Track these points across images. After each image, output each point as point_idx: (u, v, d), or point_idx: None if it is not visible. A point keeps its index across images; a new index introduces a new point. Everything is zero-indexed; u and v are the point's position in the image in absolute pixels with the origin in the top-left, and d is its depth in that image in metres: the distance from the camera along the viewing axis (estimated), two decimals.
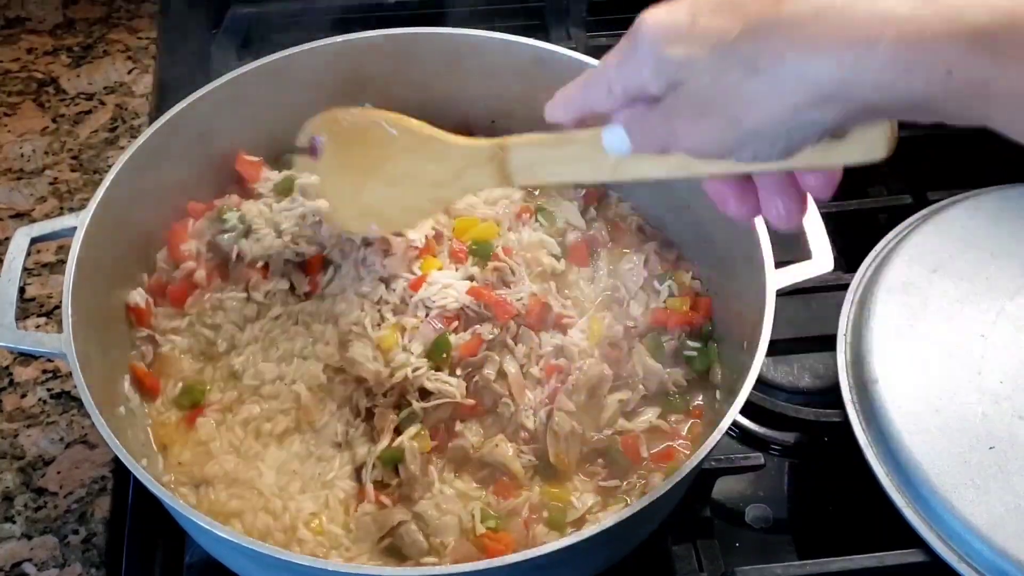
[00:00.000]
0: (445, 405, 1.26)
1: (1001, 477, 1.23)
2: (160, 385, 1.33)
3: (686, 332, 1.37)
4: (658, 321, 1.38)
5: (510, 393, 1.28)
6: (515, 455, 1.26)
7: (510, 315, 1.31)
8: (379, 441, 1.24)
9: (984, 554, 1.19)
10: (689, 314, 1.39)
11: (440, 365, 1.27)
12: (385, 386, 1.26)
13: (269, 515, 1.22)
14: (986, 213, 1.48)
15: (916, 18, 0.76)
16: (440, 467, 1.25)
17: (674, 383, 1.33)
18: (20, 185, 1.64)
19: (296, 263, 1.36)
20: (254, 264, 1.36)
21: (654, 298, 1.41)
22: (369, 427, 1.26)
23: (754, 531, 1.36)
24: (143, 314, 1.36)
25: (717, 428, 1.13)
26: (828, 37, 0.78)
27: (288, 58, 1.45)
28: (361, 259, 1.35)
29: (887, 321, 1.37)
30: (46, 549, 1.27)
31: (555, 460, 1.25)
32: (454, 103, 1.54)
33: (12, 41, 1.86)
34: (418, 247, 1.35)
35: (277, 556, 1.05)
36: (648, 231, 1.50)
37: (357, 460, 1.25)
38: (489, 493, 1.24)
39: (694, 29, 0.84)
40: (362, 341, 1.29)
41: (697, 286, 1.43)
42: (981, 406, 1.29)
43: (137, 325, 1.36)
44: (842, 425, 1.33)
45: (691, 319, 1.38)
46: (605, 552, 1.19)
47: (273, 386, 1.30)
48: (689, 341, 1.37)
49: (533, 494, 1.24)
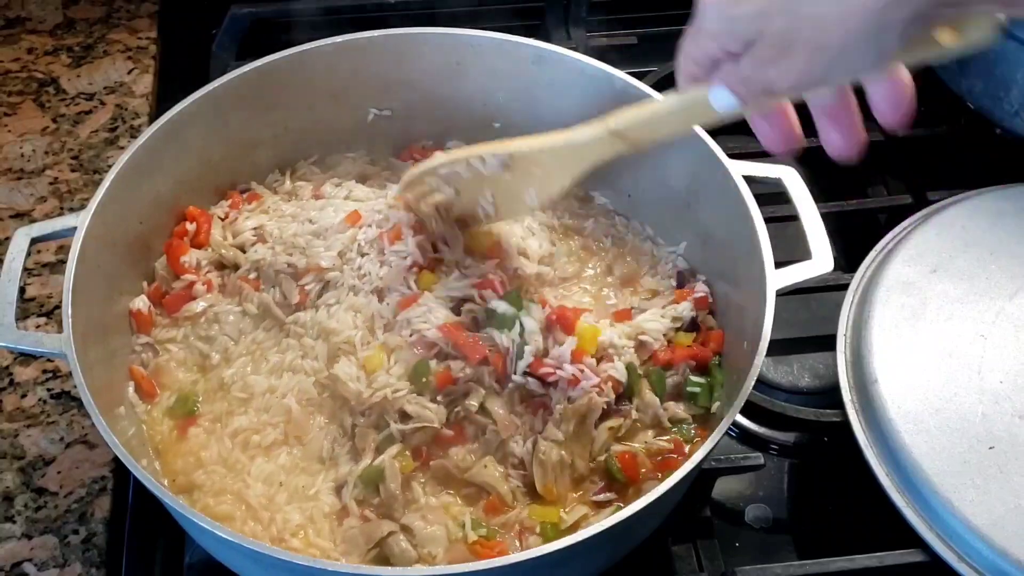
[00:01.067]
0: (425, 429, 1.24)
1: (1001, 477, 1.23)
2: (157, 392, 1.33)
3: (691, 367, 1.34)
4: (660, 361, 1.34)
5: (495, 424, 1.25)
6: (503, 478, 1.23)
7: (481, 356, 1.26)
8: (360, 460, 1.23)
9: (984, 554, 1.19)
10: (694, 348, 1.35)
11: (421, 389, 1.25)
12: (365, 405, 1.25)
13: (258, 523, 1.22)
14: (986, 213, 1.48)
15: None
16: (424, 483, 1.24)
17: (671, 418, 1.30)
18: (20, 185, 1.64)
19: (287, 273, 1.36)
20: (246, 276, 1.37)
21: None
22: (354, 445, 1.26)
23: (754, 531, 1.36)
24: (145, 321, 1.36)
25: (717, 428, 1.13)
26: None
27: (288, 58, 1.45)
28: (357, 268, 1.34)
29: (887, 321, 1.37)
30: (46, 549, 1.27)
31: (543, 491, 1.23)
32: (454, 103, 1.54)
33: (12, 41, 1.86)
34: (419, 263, 1.32)
35: (277, 556, 1.05)
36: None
37: (339, 478, 1.24)
38: (477, 510, 1.23)
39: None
40: (348, 359, 1.28)
41: (711, 321, 1.39)
42: (981, 406, 1.29)
43: (138, 331, 1.36)
44: (842, 425, 1.33)
45: (697, 354, 1.34)
46: (605, 552, 1.19)
47: (264, 399, 1.30)
48: (693, 376, 1.33)
49: (523, 514, 1.22)
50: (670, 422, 1.30)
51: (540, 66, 1.47)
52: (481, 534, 1.19)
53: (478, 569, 1.05)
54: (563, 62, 1.46)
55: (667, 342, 1.36)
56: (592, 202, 1.55)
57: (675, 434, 1.29)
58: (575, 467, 1.24)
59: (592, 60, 1.45)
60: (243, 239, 1.41)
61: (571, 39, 1.86)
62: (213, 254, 1.41)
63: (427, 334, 1.27)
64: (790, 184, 1.34)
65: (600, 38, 1.88)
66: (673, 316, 1.37)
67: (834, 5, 0.85)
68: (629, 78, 1.42)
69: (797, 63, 0.90)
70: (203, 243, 1.42)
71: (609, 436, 1.26)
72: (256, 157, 1.51)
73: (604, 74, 1.43)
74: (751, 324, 1.23)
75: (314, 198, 1.48)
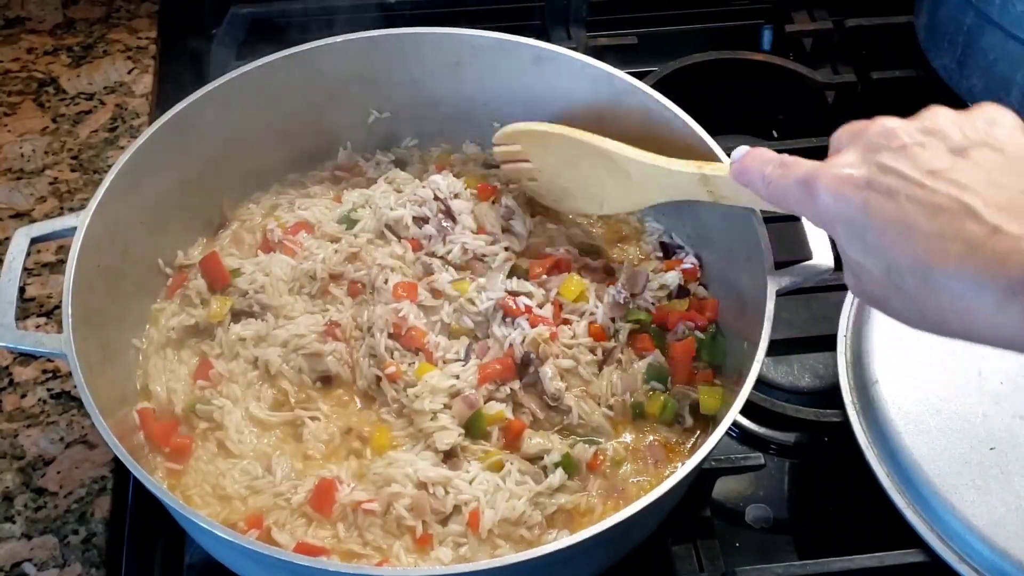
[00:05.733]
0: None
1: (1002, 478, 1.23)
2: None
3: (690, 328, 1.37)
4: (658, 319, 1.38)
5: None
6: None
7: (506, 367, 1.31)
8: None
9: (984, 555, 1.19)
10: (691, 313, 1.38)
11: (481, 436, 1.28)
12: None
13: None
14: None
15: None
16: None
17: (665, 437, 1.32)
18: (20, 185, 1.64)
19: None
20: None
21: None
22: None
23: (754, 531, 1.36)
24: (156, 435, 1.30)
25: (717, 428, 1.13)
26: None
27: (288, 58, 1.45)
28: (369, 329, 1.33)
29: (887, 321, 1.36)
30: (46, 549, 1.27)
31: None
32: (454, 103, 1.54)
33: (12, 41, 1.86)
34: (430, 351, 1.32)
35: (277, 556, 1.05)
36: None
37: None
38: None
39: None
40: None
41: (702, 292, 1.42)
42: (982, 407, 1.29)
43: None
44: (842, 425, 1.33)
45: (694, 317, 1.38)
46: (606, 552, 1.19)
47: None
48: (697, 333, 1.37)
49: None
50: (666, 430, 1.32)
51: (540, 66, 1.47)
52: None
53: (478, 569, 1.05)
54: (563, 62, 1.45)
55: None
56: None
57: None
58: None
59: (592, 60, 1.44)
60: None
61: (571, 39, 1.86)
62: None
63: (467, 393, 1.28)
64: None
65: (600, 38, 1.87)
66: (660, 284, 1.40)
67: (949, 301, 0.91)
68: (629, 78, 1.42)
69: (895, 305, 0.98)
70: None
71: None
72: (256, 157, 1.51)
73: (604, 74, 1.43)
74: (751, 324, 1.23)
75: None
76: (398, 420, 1.29)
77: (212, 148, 1.44)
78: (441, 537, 1.19)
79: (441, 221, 1.41)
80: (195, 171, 1.44)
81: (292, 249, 1.42)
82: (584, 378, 1.31)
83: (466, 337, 1.33)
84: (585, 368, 1.32)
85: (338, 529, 1.20)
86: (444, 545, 1.19)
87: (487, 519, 1.18)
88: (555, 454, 1.24)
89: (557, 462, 1.23)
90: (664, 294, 1.40)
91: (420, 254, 1.40)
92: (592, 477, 1.26)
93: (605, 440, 1.29)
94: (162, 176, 1.38)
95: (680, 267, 1.43)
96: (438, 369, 1.30)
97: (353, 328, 1.34)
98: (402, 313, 1.31)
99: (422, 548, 1.19)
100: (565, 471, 1.23)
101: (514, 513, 1.19)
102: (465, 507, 1.20)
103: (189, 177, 1.43)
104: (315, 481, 1.22)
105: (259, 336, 1.34)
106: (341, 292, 1.37)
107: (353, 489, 1.22)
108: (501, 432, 1.27)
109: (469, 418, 1.26)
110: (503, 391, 1.28)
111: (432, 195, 1.43)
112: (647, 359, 1.34)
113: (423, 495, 1.20)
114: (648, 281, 1.39)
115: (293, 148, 1.53)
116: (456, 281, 1.36)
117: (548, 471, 1.23)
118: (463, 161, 1.57)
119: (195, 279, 1.40)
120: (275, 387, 1.31)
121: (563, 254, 1.42)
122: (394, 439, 1.28)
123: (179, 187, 1.42)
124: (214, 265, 1.39)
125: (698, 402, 1.30)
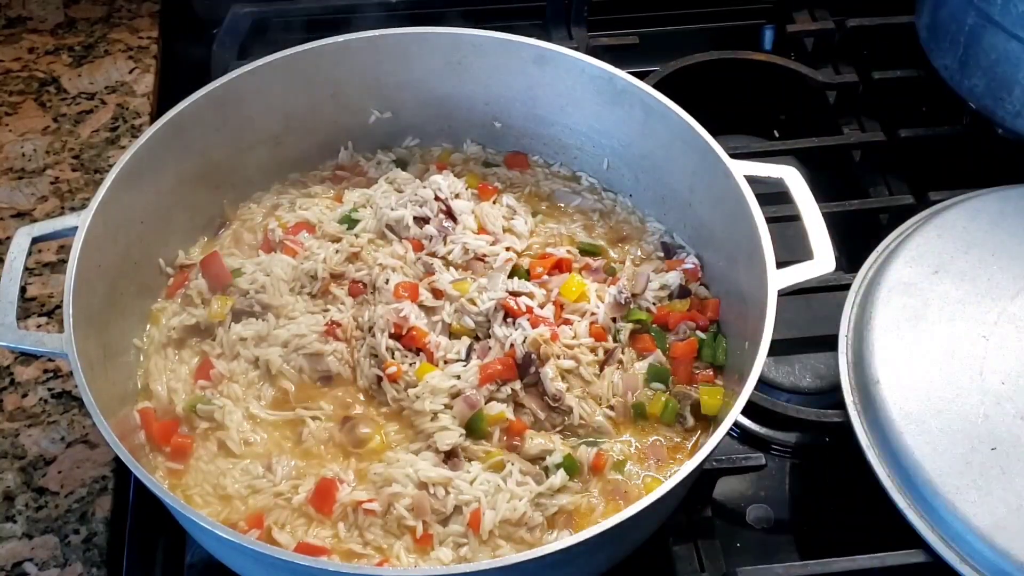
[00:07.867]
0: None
1: (1003, 478, 1.23)
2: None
3: (691, 328, 1.38)
4: (659, 319, 1.38)
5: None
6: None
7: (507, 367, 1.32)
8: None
9: (986, 555, 1.19)
10: (692, 313, 1.39)
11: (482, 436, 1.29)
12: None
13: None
14: (987, 214, 1.48)
15: None
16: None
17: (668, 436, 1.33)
18: (21, 184, 1.64)
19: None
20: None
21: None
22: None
23: (755, 531, 1.36)
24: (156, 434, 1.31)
25: (718, 428, 1.13)
26: None
27: (288, 58, 1.45)
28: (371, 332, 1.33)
29: (888, 322, 1.37)
30: (47, 549, 1.27)
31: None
32: (454, 103, 1.54)
33: (13, 40, 1.86)
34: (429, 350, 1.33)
35: (278, 556, 1.05)
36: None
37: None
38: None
39: None
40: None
41: (704, 292, 1.43)
42: (983, 407, 1.29)
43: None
44: (843, 426, 1.33)
45: (695, 317, 1.39)
46: (606, 552, 1.19)
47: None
48: (698, 333, 1.37)
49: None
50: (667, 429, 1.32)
51: (541, 66, 1.47)
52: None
53: (478, 569, 1.05)
54: (564, 62, 1.46)
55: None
56: (580, 180, 1.56)
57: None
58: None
59: (593, 60, 1.45)
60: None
61: (572, 39, 1.86)
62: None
63: (469, 394, 1.28)
64: (792, 184, 1.34)
65: (601, 38, 1.87)
66: (661, 284, 1.41)
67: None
68: (630, 78, 1.42)
69: None
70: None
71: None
72: (257, 157, 1.51)
73: (605, 74, 1.43)
74: (752, 324, 1.23)
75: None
76: (398, 420, 1.29)
77: (213, 148, 1.45)
78: (441, 537, 1.19)
79: (442, 221, 1.42)
80: (196, 171, 1.44)
81: (293, 249, 1.42)
82: (585, 378, 1.31)
83: (467, 337, 1.34)
84: (586, 368, 1.32)
85: (338, 529, 1.21)
86: (444, 545, 1.19)
87: (488, 520, 1.18)
88: (557, 455, 1.24)
89: (559, 463, 1.24)
90: (665, 294, 1.41)
91: (421, 254, 1.40)
92: (593, 478, 1.26)
93: (606, 440, 1.29)
94: (163, 176, 1.39)
95: (681, 267, 1.43)
96: (439, 369, 1.30)
97: (354, 328, 1.34)
98: (403, 313, 1.32)
99: (422, 548, 1.19)
100: (567, 472, 1.23)
101: (515, 514, 1.19)
102: (466, 507, 1.20)
103: (190, 177, 1.43)
104: (315, 481, 1.23)
105: (260, 336, 1.34)
106: (342, 292, 1.38)
107: (353, 489, 1.22)
108: (502, 432, 1.27)
109: (470, 418, 1.26)
110: (504, 391, 1.29)
111: (433, 195, 1.43)
112: (648, 359, 1.35)
113: (424, 495, 1.20)
114: (649, 281, 1.40)
115: (294, 148, 1.54)
116: (457, 281, 1.36)
117: (549, 472, 1.24)
118: (464, 161, 1.57)
119: (196, 279, 1.41)
120: (276, 387, 1.32)
121: (564, 254, 1.42)
122: (394, 439, 1.28)
123: (180, 187, 1.42)
124: (215, 265, 1.39)
125: (699, 402, 1.30)
